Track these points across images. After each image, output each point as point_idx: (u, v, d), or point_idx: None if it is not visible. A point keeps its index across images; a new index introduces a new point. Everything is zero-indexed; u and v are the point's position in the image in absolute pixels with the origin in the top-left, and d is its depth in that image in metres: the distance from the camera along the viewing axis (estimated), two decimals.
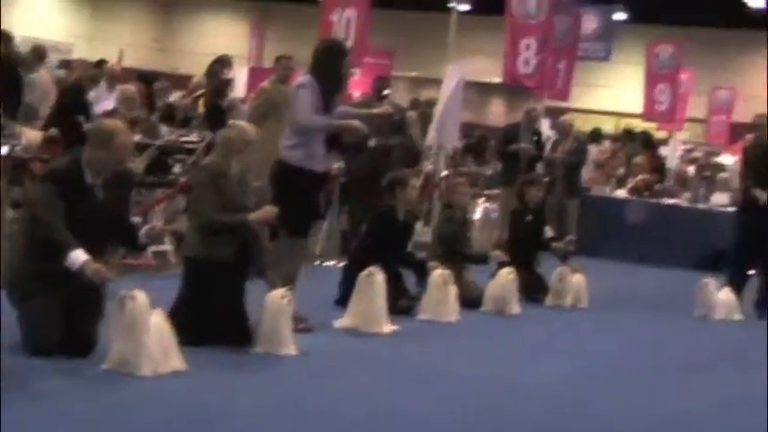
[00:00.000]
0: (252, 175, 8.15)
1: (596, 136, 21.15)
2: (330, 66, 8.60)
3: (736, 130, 26.37)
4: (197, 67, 21.68)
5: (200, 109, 15.00)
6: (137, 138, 11.51)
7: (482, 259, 11.12)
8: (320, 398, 6.46)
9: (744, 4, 30.48)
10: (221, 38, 36.29)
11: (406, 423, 6.04)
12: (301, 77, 8.72)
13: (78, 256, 6.58)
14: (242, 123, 8.36)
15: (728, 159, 22.14)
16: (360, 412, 6.20)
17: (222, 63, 17.03)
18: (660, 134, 25.00)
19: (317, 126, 8.42)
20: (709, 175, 20.00)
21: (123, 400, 5.92)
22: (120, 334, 6.49)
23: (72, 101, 12.59)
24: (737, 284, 11.99)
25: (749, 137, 13.22)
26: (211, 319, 7.40)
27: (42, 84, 14.10)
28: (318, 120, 8.41)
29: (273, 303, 7.51)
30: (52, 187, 6.76)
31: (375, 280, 8.83)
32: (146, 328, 6.49)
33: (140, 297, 6.51)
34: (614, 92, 34.35)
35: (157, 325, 6.60)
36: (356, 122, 8.56)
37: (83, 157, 6.89)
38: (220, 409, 5.93)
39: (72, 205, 6.72)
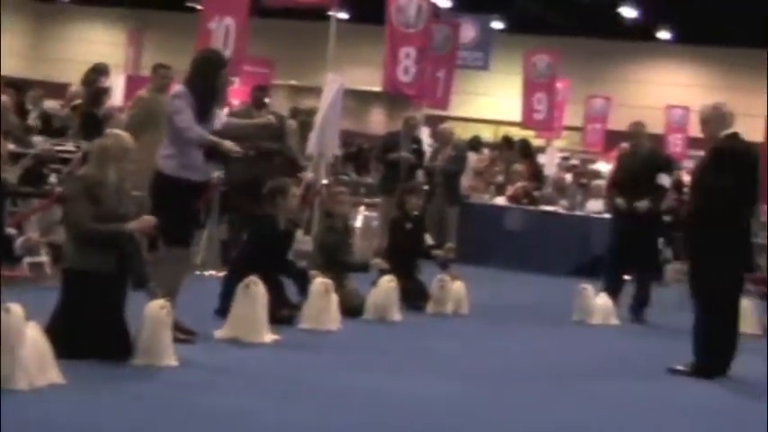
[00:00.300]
0: (130, 185, 8.05)
1: (475, 144, 21.34)
2: (207, 76, 8.53)
3: (612, 138, 26.88)
4: (74, 76, 21.38)
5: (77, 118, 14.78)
6: (10, 147, 11.31)
7: (363, 267, 11.14)
8: (197, 412, 6.38)
9: (618, 15, 31.12)
10: (98, 45, 35.89)
11: None
12: (177, 87, 8.66)
13: None
14: (118, 132, 8.24)
15: (604, 167, 22.53)
16: (236, 426, 6.14)
17: (99, 71, 16.81)
18: (538, 142, 25.33)
19: (195, 137, 8.33)
20: (585, 183, 20.34)
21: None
22: None
23: None
24: (613, 290, 12.19)
25: (623, 145, 13.45)
26: (90, 330, 7.29)
27: None
28: (197, 131, 8.33)
29: (153, 314, 7.42)
30: None
31: (255, 289, 8.78)
32: (21, 340, 6.35)
33: (15, 310, 6.37)
34: (493, 100, 34.77)
35: (33, 338, 6.46)
36: (229, 143, 8.47)
37: None
38: (95, 424, 5.83)
39: None
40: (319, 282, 9.76)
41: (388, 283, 10.63)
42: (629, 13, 30.93)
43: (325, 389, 7.32)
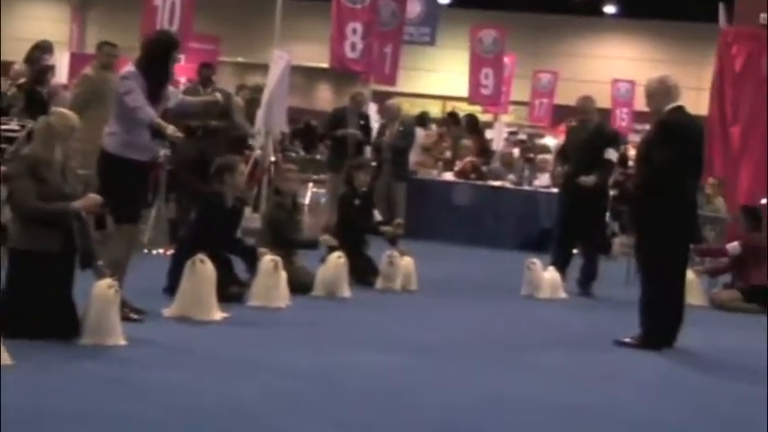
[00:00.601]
0: (76, 164, 8.01)
1: (423, 120, 21.36)
2: (159, 58, 8.53)
3: (559, 113, 27.01)
4: (16, 54, 21.16)
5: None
6: None
7: (312, 244, 11.13)
8: (146, 390, 6.37)
9: None
10: (41, 22, 35.45)
11: (227, 415, 6.00)
12: (127, 68, 8.62)
13: None
14: (63, 110, 8.18)
15: (551, 141, 22.65)
16: (185, 403, 6.13)
17: (42, 49, 16.64)
18: (486, 117, 25.41)
19: (146, 118, 8.31)
20: (532, 157, 20.43)
21: None
22: None
23: None
24: (561, 264, 12.27)
25: (573, 120, 13.52)
26: (37, 310, 7.25)
27: None
28: (148, 112, 8.31)
29: (100, 293, 7.40)
30: None
31: (203, 267, 8.76)
32: None
33: None
34: (440, 76, 34.79)
35: None
36: (171, 129, 8.44)
37: None
38: (43, 403, 5.80)
39: None
40: (268, 259, 9.76)
41: (337, 259, 10.64)
42: None
43: (274, 365, 7.33)
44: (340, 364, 7.52)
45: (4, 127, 12.47)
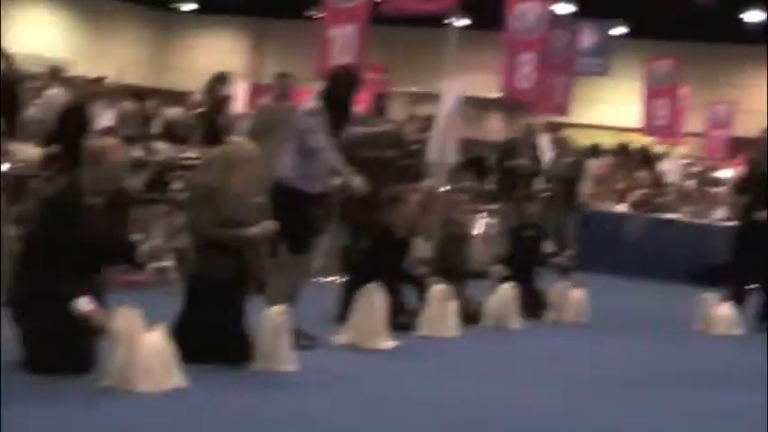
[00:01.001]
0: (252, 191, 8.16)
1: (595, 151, 21.17)
2: (342, 93, 8.66)
3: (736, 145, 26.40)
4: (196, 84, 21.72)
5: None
6: (136, 154, 11.54)
7: (482, 274, 11.11)
8: (315, 417, 6.43)
9: (741, 20, 30.58)
10: (220, 54, 36.36)
11: None
12: (310, 103, 8.73)
13: (83, 304, 6.58)
14: (241, 140, 8.39)
15: (727, 173, 22.15)
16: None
17: (220, 79, 17.05)
18: (659, 149, 25.02)
19: (331, 163, 8.46)
20: (708, 190, 20.03)
21: (120, 418, 5.91)
22: (117, 350, 6.49)
23: (73, 118, 12.60)
24: (738, 299, 11.98)
25: (755, 152, 13.20)
26: (211, 335, 7.39)
27: (58, 102, 14.19)
28: (333, 158, 8.46)
29: (271, 320, 7.51)
30: (49, 219, 6.74)
31: (374, 296, 8.83)
32: (143, 344, 6.48)
33: (136, 314, 6.51)
34: (613, 107, 34.39)
35: (157, 341, 6.59)
36: (357, 182, 8.59)
37: (81, 177, 6.89)
38: (215, 427, 5.91)
39: (72, 226, 6.71)
40: (438, 289, 9.78)
41: (507, 290, 10.60)
42: (752, 17, 30.38)
43: (440, 396, 7.33)
44: (507, 397, 7.48)
45: (182, 155, 12.80)
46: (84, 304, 6.56)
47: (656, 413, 7.48)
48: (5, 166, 10.16)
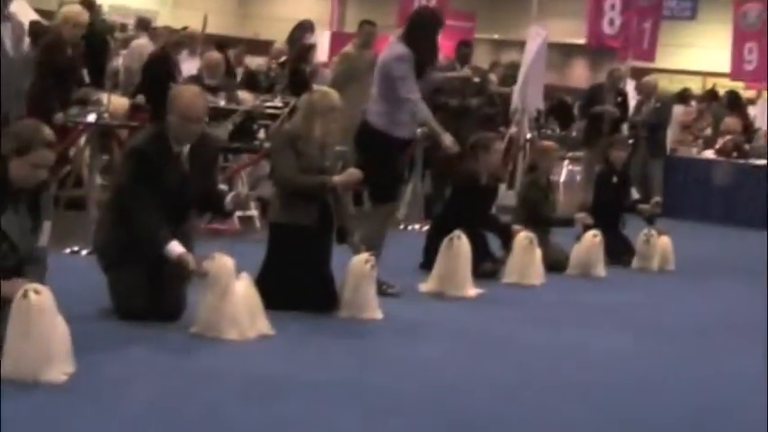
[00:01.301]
0: (335, 140, 8.16)
1: (684, 97, 20.89)
2: (426, 36, 8.55)
3: None
4: (278, 34, 21.76)
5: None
6: (221, 104, 11.61)
7: (567, 222, 11.04)
8: (401, 362, 6.46)
9: None
10: (302, 3, 36.34)
11: (478, 390, 6.03)
12: (399, 48, 8.51)
13: (174, 248, 6.64)
14: (326, 89, 8.36)
15: None
16: (439, 376, 6.19)
17: (304, 28, 17.11)
18: (748, 94, 24.60)
19: (420, 115, 8.43)
20: None
21: (209, 365, 5.99)
22: (209, 296, 6.56)
23: (158, 68, 12.71)
24: None
25: None
26: (296, 283, 7.44)
27: (143, 51, 14.37)
28: (423, 110, 8.43)
29: (357, 268, 7.53)
30: (137, 168, 6.78)
31: (459, 244, 8.82)
32: (232, 291, 6.55)
33: (226, 261, 6.57)
34: (701, 51, 33.83)
35: (244, 289, 6.65)
36: (448, 140, 8.52)
37: (167, 126, 6.94)
38: (297, 375, 5.95)
39: (159, 175, 6.77)
40: (523, 236, 9.74)
41: (593, 238, 10.53)
42: None
43: (525, 343, 7.32)
44: (592, 344, 7.45)
45: (267, 104, 12.86)
46: (175, 248, 6.63)
47: (744, 361, 7.40)
48: (92, 117, 10.27)
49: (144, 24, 16.21)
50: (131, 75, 14.56)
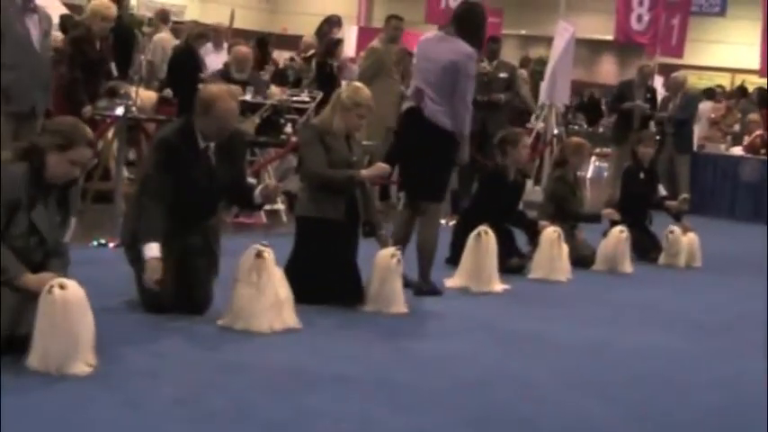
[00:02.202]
0: (361, 135, 8.15)
1: (711, 93, 20.80)
2: (477, 32, 8.45)
3: None
4: (306, 28, 21.79)
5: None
6: (248, 98, 11.62)
7: (594, 218, 11.01)
8: (421, 359, 6.44)
9: None
10: None
11: (501, 385, 6.02)
12: (466, 47, 8.25)
13: (151, 248, 6.58)
14: (357, 84, 8.30)
15: None
16: (458, 373, 6.17)
17: (331, 23, 17.12)
18: None
19: (469, 112, 8.34)
20: None
21: (236, 358, 6.00)
22: (240, 290, 6.59)
23: (184, 62, 12.75)
24: None
25: None
26: (323, 277, 7.44)
27: (165, 45, 14.40)
28: (466, 110, 8.30)
29: (383, 262, 7.53)
30: (164, 158, 6.79)
31: (486, 239, 8.81)
32: (263, 284, 6.56)
33: (268, 254, 6.61)
34: (729, 47, 33.69)
35: (274, 282, 6.66)
36: (465, 154, 8.47)
37: (194, 121, 6.95)
38: (323, 369, 5.95)
39: (186, 169, 6.78)
40: (550, 231, 9.72)
41: (620, 233, 10.49)
42: None
43: (551, 339, 7.30)
44: (617, 341, 7.42)
45: (294, 98, 12.87)
46: (151, 250, 6.62)
47: None
48: (120, 110, 10.31)
49: (164, 17, 16.16)
50: (154, 68, 14.60)
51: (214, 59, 13.37)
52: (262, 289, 6.56)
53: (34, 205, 5.57)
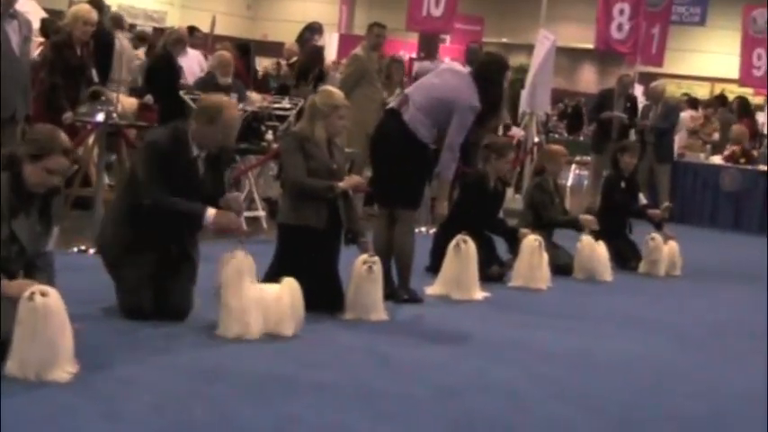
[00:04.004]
0: (342, 141, 8.12)
1: (691, 102, 20.87)
2: (496, 87, 8.40)
3: None
4: (287, 35, 21.79)
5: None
6: None
7: (572, 223, 10.96)
8: (400, 367, 6.43)
9: None
10: (311, 5, 36.39)
11: (479, 394, 6.02)
12: (476, 98, 8.25)
13: (209, 213, 6.75)
14: (329, 88, 8.28)
15: None
16: (437, 381, 6.17)
17: (313, 30, 17.12)
18: (757, 100, 24.59)
19: (453, 155, 8.31)
20: None
21: (215, 364, 5.98)
22: (224, 296, 6.61)
23: (162, 67, 12.72)
24: None
25: None
26: (304, 284, 7.41)
27: (121, 50, 14.25)
28: (456, 155, 8.35)
29: (358, 270, 7.52)
30: (157, 161, 6.77)
31: (466, 247, 8.81)
32: (242, 290, 6.55)
33: (243, 259, 6.61)
34: (709, 57, 33.87)
35: (255, 288, 6.66)
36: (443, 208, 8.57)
37: (189, 129, 6.92)
38: (300, 375, 5.94)
39: (175, 175, 6.76)
40: (531, 239, 9.72)
41: (600, 242, 10.51)
42: None
43: (532, 347, 7.30)
44: (597, 349, 7.42)
45: (275, 105, 12.86)
46: (209, 212, 6.76)
47: (748, 368, 7.37)
48: (101, 116, 10.28)
49: (117, 22, 15.65)
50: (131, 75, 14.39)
51: (195, 66, 13.36)
52: (239, 295, 6.55)
53: (16, 215, 5.54)
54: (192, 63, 14.39)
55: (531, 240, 9.72)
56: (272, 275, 7.29)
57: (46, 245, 5.73)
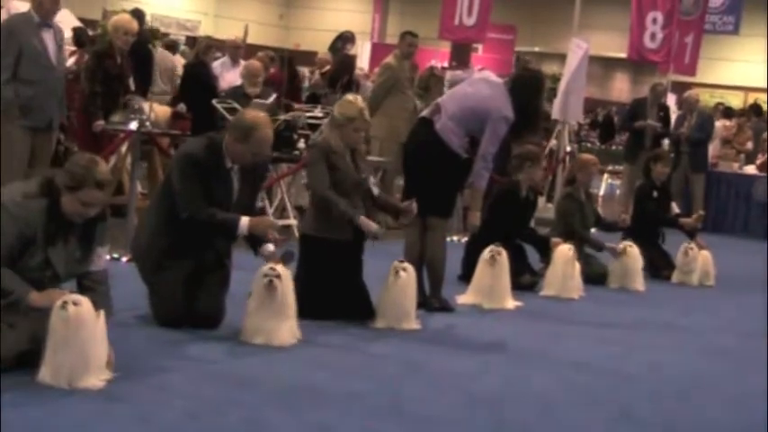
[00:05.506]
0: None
1: (725, 111, 20.78)
2: (526, 102, 8.30)
3: None
4: (319, 44, 21.84)
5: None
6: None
7: (596, 244, 10.85)
8: (431, 375, 6.42)
9: None
10: (344, 14, 36.46)
11: (514, 403, 6.01)
12: (510, 110, 8.20)
13: (243, 221, 6.78)
14: (348, 98, 8.15)
15: None
16: (471, 391, 6.16)
17: (345, 39, 17.15)
18: None
19: (486, 165, 8.25)
20: None
21: (247, 372, 6.00)
22: (249, 305, 6.63)
23: (197, 76, 12.78)
24: None
25: None
26: (330, 293, 7.42)
27: (161, 60, 14.34)
28: (490, 166, 8.31)
29: (397, 278, 7.51)
30: (192, 171, 6.80)
31: (499, 256, 8.79)
32: (274, 299, 6.57)
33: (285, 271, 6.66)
34: (742, 66, 33.70)
35: (287, 297, 6.67)
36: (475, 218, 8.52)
37: (223, 141, 6.92)
38: (338, 384, 5.95)
39: (209, 187, 6.79)
40: (564, 248, 9.69)
41: (633, 251, 10.47)
42: None
43: (565, 356, 7.28)
44: (630, 359, 7.40)
45: (307, 114, 12.87)
46: (269, 248, 6.80)
47: None
48: (134, 125, 10.33)
49: (155, 34, 15.75)
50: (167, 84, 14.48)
51: (230, 76, 13.39)
52: (273, 303, 6.57)
53: (53, 242, 5.53)
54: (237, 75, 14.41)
55: (564, 249, 9.69)
56: (298, 284, 7.27)
57: (86, 268, 5.72)
